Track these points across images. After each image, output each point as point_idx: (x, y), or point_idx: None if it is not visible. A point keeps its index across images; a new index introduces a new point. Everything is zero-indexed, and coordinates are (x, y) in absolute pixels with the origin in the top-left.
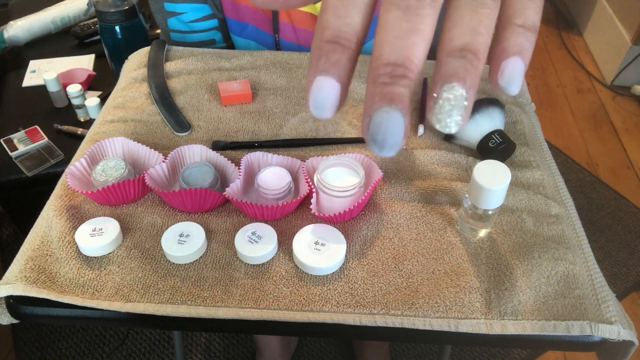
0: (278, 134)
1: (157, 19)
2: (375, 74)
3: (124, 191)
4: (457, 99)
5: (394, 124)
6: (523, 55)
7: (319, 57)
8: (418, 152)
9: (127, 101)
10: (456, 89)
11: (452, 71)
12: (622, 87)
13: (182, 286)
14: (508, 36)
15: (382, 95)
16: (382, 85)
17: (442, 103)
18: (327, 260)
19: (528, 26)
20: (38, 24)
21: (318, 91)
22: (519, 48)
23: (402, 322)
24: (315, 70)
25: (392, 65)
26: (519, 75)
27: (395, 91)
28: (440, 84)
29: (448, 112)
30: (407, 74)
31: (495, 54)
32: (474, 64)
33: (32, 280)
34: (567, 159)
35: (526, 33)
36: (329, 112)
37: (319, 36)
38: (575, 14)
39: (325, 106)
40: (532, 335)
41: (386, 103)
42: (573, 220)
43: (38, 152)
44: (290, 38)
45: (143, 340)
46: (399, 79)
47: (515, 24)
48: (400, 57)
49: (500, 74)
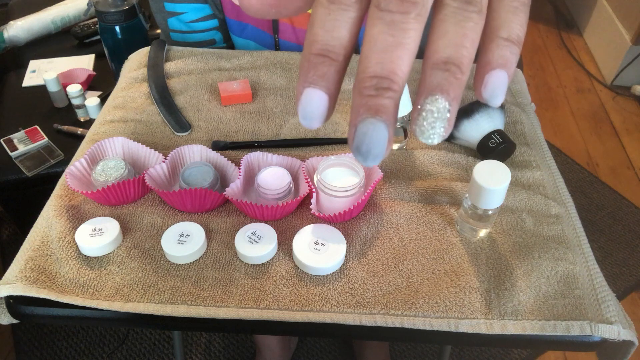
0: (278, 134)
1: (158, 19)
2: (360, 86)
3: (124, 191)
4: (440, 111)
5: (378, 134)
6: (507, 68)
7: (307, 69)
8: (418, 152)
9: (127, 101)
10: (439, 102)
11: (436, 83)
12: (622, 87)
13: (182, 286)
14: (493, 49)
15: (367, 107)
16: (368, 98)
17: (425, 115)
18: (327, 260)
19: (513, 39)
20: (38, 24)
21: (307, 103)
22: (503, 61)
23: (402, 322)
24: (304, 82)
25: (377, 78)
26: (502, 87)
27: (380, 103)
28: (424, 96)
29: (431, 124)
30: (392, 86)
31: (480, 66)
32: (457, 76)
33: (32, 280)
34: (567, 159)
35: (511, 46)
36: (317, 123)
37: (307, 49)
38: (575, 14)
39: (314, 117)
40: (532, 335)
41: (371, 114)
42: (573, 220)
43: (38, 152)
44: (290, 38)
45: (143, 340)
46: (383, 91)
47: (500, 37)
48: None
49: (484, 86)
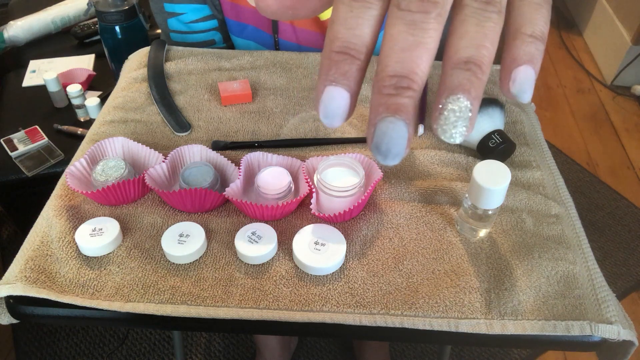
0: (278, 134)
1: (157, 19)
2: (380, 85)
3: (124, 191)
4: (462, 110)
5: (398, 133)
6: (533, 64)
7: (329, 67)
8: (418, 152)
9: (127, 101)
10: (461, 101)
11: (457, 83)
12: (622, 87)
13: (182, 286)
14: (518, 45)
15: (386, 106)
16: (387, 97)
17: (447, 114)
18: (327, 260)
19: (537, 35)
20: (38, 24)
21: (329, 101)
22: (530, 57)
23: (402, 322)
24: (325, 80)
25: (397, 77)
26: (530, 83)
27: (400, 102)
28: (445, 95)
29: (453, 123)
30: (412, 85)
31: (506, 63)
32: (478, 76)
33: (32, 280)
34: (567, 159)
35: (536, 42)
36: (339, 121)
37: (329, 46)
38: (575, 14)
39: (335, 115)
40: (532, 335)
41: (391, 113)
42: (573, 220)
43: (38, 152)
44: (290, 38)
45: (143, 340)
46: (403, 90)
47: (525, 34)
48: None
49: (512, 82)
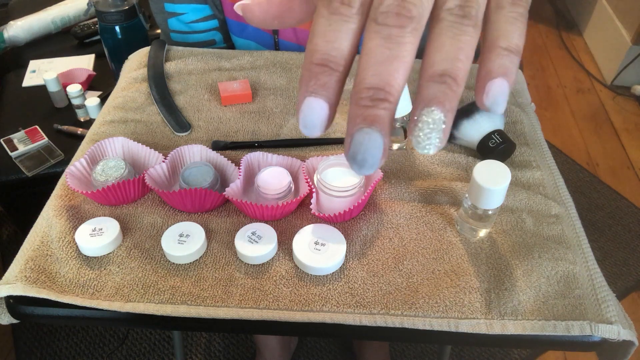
0: (278, 134)
1: (158, 19)
2: (357, 97)
3: (124, 191)
4: (436, 122)
5: (373, 144)
6: (507, 77)
7: (308, 78)
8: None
9: (127, 101)
10: (435, 113)
11: (432, 96)
12: (622, 87)
13: (182, 286)
14: (493, 58)
15: (363, 117)
16: (364, 108)
17: (421, 126)
18: (327, 260)
19: (512, 49)
20: (38, 24)
21: (308, 111)
22: (504, 70)
23: (402, 322)
24: (305, 91)
25: (373, 89)
26: (503, 95)
27: (376, 113)
28: (420, 107)
29: (427, 134)
30: (388, 97)
31: (481, 75)
32: (453, 89)
33: (32, 280)
34: (567, 159)
35: (510, 55)
36: (318, 131)
37: (308, 59)
38: (575, 14)
39: (315, 125)
40: (532, 335)
41: (367, 124)
42: (573, 220)
43: (38, 152)
44: (290, 38)
45: (143, 340)
46: (379, 102)
47: (500, 47)
48: (381, 82)
49: (486, 95)
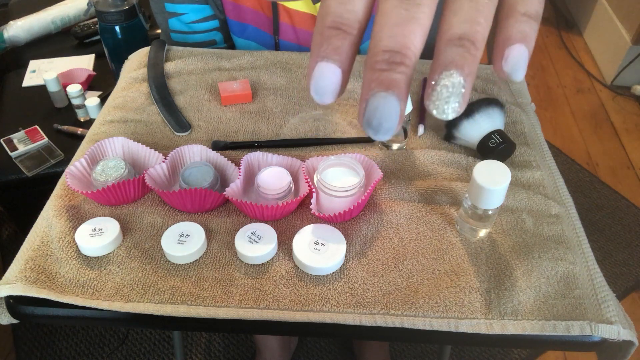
0: (278, 134)
1: (158, 19)
2: (372, 61)
3: (124, 191)
4: (455, 86)
5: (390, 108)
6: (527, 42)
7: (320, 43)
8: (418, 152)
9: (127, 101)
10: (454, 77)
11: (451, 59)
12: (622, 87)
13: (182, 286)
14: (511, 24)
15: (379, 81)
16: (380, 72)
17: (440, 90)
18: (327, 260)
19: (531, 14)
20: (38, 24)
21: (320, 77)
22: (523, 35)
23: (402, 322)
24: (317, 56)
25: (389, 52)
26: (523, 61)
27: (392, 77)
28: (438, 71)
29: (446, 99)
30: (404, 61)
31: (499, 42)
32: (472, 52)
33: (32, 280)
34: (567, 159)
35: (529, 21)
36: (330, 98)
37: (321, 22)
38: (575, 14)
39: (326, 91)
40: (532, 335)
41: (383, 88)
42: (573, 220)
43: (38, 152)
44: (290, 39)
45: (143, 340)
46: (396, 65)
47: (519, 12)
48: (397, 45)
49: (505, 60)
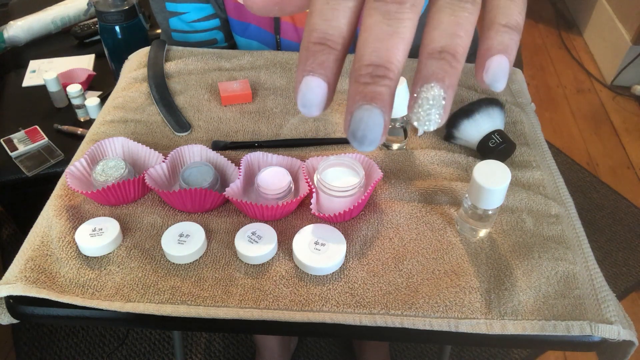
0: (278, 134)
1: (159, 19)
2: (357, 74)
3: (124, 191)
4: (436, 98)
5: (373, 121)
6: (507, 53)
7: (306, 57)
8: (418, 152)
9: (127, 101)
10: (435, 89)
11: (432, 72)
12: (622, 87)
13: (182, 286)
14: (492, 35)
15: (363, 94)
16: (364, 85)
17: (421, 102)
18: (327, 260)
19: (512, 26)
20: (38, 24)
21: (306, 90)
22: (504, 46)
23: (402, 322)
24: (303, 70)
25: (373, 66)
26: (504, 72)
27: (376, 90)
28: (419, 84)
29: (426, 111)
30: (388, 74)
31: (481, 53)
32: (452, 65)
33: (32, 280)
34: (567, 159)
35: (510, 32)
36: (316, 110)
37: (307, 38)
38: (575, 14)
39: (313, 104)
40: (532, 335)
41: (367, 101)
42: (573, 220)
43: (38, 152)
44: (292, 37)
45: (143, 340)
46: (379, 79)
47: (499, 24)
48: (380, 59)
49: (486, 72)
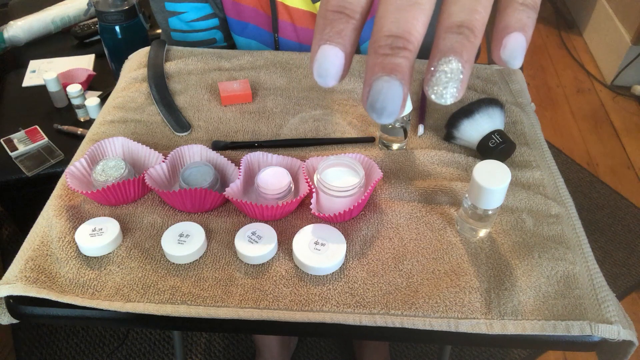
0: (278, 134)
1: (158, 18)
2: (376, 46)
3: (124, 191)
4: (454, 72)
5: (393, 92)
6: (524, 31)
7: (324, 26)
8: (418, 152)
9: (127, 101)
10: (453, 63)
11: (450, 46)
12: (622, 87)
13: (182, 286)
14: (510, 13)
15: (382, 66)
16: (383, 57)
17: (438, 76)
18: (327, 260)
19: (528, 4)
20: (38, 24)
21: (323, 59)
22: (521, 24)
23: (402, 322)
24: (320, 39)
25: (392, 37)
26: (520, 49)
27: (395, 62)
28: (437, 58)
29: (444, 84)
30: (407, 45)
31: (498, 30)
32: (470, 39)
33: (32, 280)
34: (567, 159)
35: (527, 10)
36: (332, 80)
37: (324, 6)
38: (575, 14)
39: (329, 74)
40: (532, 335)
41: (386, 73)
42: (573, 220)
43: (38, 152)
44: (290, 37)
45: (143, 340)
46: (399, 50)
47: (517, 2)
48: (400, 30)
49: (503, 48)
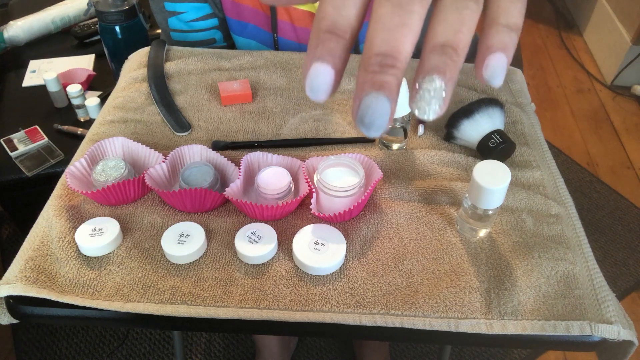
0: (278, 134)
1: (158, 18)
2: (366, 63)
3: (124, 191)
4: (437, 90)
5: (381, 107)
6: (506, 52)
7: (316, 45)
8: (418, 152)
9: (127, 101)
10: (436, 82)
11: (434, 65)
12: (622, 87)
13: (182, 286)
14: (493, 34)
15: (371, 82)
16: (372, 74)
17: (422, 93)
18: (327, 260)
19: (511, 26)
20: (38, 24)
21: (314, 76)
22: (503, 45)
23: (402, 322)
24: (313, 57)
25: (381, 56)
26: (501, 69)
27: (384, 79)
28: (422, 75)
29: (427, 101)
30: (396, 64)
31: (481, 50)
32: (453, 59)
33: (32, 280)
34: (567, 159)
35: (510, 32)
36: (323, 96)
37: (316, 26)
38: (575, 14)
39: (320, 90)
40: (532, 335)
41: (375, 89)
42: (573, 220)
43: (38, 152)
44: (290, 36)
45: (143, 340)
46: (387, 68)
47: (500, 24)
48: (389, 48)
49: (485, 68)
